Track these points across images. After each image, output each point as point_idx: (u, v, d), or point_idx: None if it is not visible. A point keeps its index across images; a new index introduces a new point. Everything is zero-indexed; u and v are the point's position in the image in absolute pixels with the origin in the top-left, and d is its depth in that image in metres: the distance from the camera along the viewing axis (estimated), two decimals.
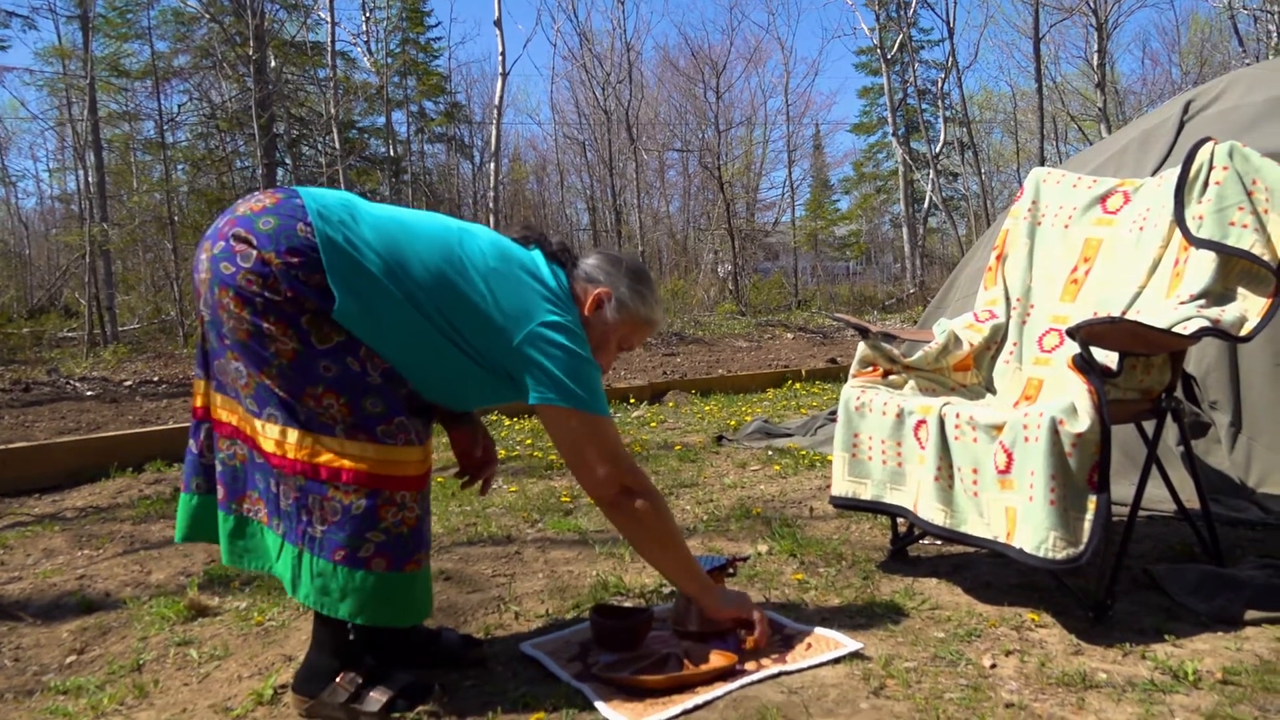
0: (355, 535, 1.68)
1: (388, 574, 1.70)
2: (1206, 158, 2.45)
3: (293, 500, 1.71)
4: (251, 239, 1.66)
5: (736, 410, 5.88)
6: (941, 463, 2.26)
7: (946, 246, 28.63)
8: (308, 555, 1.70)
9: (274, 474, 1.72)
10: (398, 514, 1.71)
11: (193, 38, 17.22)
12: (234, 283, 1.65)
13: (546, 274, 1.86)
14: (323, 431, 1.69)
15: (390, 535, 1.70)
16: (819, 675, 1.85)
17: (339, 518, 1.68)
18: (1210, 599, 2.15)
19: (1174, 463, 2.95)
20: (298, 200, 1.73)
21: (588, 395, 1.78)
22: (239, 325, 1.67)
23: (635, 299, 1.95)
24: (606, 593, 2.41)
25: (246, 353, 1.68)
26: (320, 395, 1.68)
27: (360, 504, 1.68)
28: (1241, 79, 4.00)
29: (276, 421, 1.70)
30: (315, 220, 1.69)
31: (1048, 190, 2.93)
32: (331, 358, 1.68)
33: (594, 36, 22.17)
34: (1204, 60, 26.45)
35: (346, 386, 1.68)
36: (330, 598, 1.69)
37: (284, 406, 1.69)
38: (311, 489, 1.69)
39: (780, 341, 12.52)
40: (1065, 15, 22.97)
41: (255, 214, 1.70)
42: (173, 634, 2.24)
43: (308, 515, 1.70)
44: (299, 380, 1.67)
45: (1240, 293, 2.30)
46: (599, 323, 1.93)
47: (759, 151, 30.07)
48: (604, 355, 1.96)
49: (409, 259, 1.74)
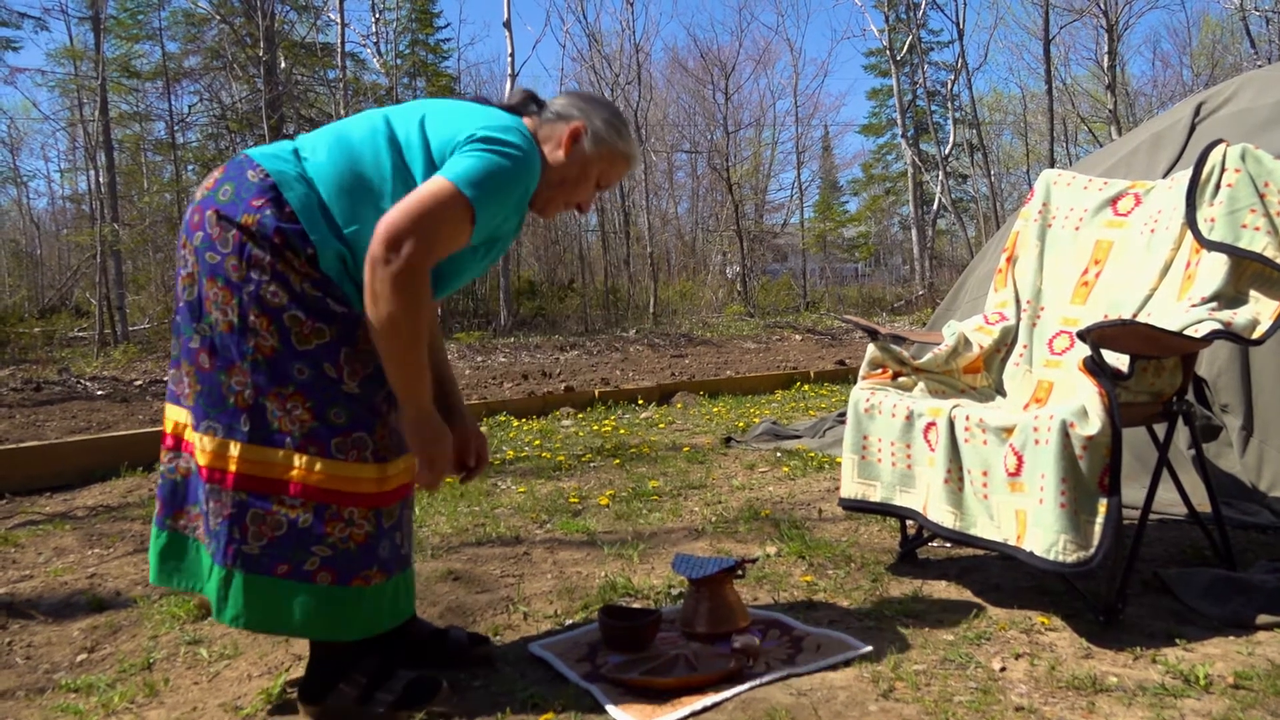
0: (300, 548, 1.65)
1: (333, 587, 1.67)
2: (1218, 160, 2.44)
3: (225, 518, 1.66)
4: (222, 214, 1.65)
5: (745, 412, 5.88)
6: (951, 465, 2.26)
7: (956, 248, 28.57)
8: (239, 575, 1.66)
9: (205, 489, 1.68)
10: (344, 529, 1.67)
11: (203, 39, 17.32)
12: (221, 271, 1.64)
13: (499, 114, 1.80)
14: (270, 444, 1.65)
15: (337, 550, 1.67)
16: (828, 677, 1.85)
17: (283, 531, 1.65)
18: (1222, 603, 2.14)
19: (1185, 466, 2.94)
20: (242, 157, 1.74)
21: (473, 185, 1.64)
22: (223, 317, 1.65)
23: (611, 132, 1.89)
24: (615, 594, 2.41)
25: (221, 347, 1.66)
26: (287, 396, 1.65)
27: (306, 518, 1.65)
28: (1253, 81, 3.98)
29: (216, 434, 1.67)
30: (263, 161, 1.70)
31: (1058, 192, 2.92)
32: (307, 360, 1.65)
33: (603, 38, 22.12)
34: (1215, 62, 26.34)
35: (316, 392, 1.65)
36: (269, 616, 1.67)
37: (231, 416, 1.66)
38: (252, 504, 1.65)
39: (789, 343, 12.51)
40: (1075, 17, 22.91)
41: (211, 190, 1.70)
42: (183, 633, 2.25)
43: (241, 533, 1.65)
44: (270, 379, 1.64)
45: (1252, 295, 2.28)
46: (576, 156, 1.86)
47: (768, 153, 30.10)
48: (583, 190, 1.91)
49: (350, 141, 1.73)
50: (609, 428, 5.33)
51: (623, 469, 4.10)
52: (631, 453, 4.46)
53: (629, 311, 18.22)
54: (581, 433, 5.20)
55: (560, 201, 1.91)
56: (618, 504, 3.41)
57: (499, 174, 1.68)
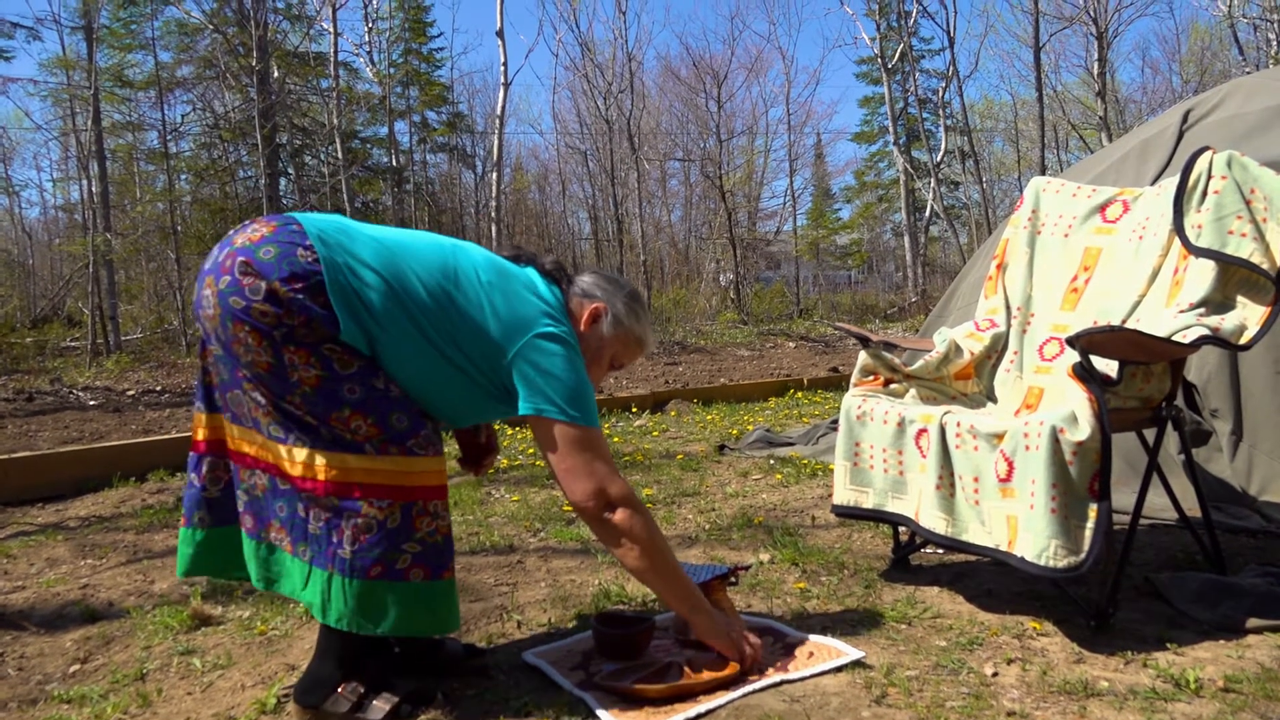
0: (392, 549, 1.69)
1: (426, 583, 1.72)
2: (1205, 167, 2.46)
3: (324, 522, 1.71)
4: (255, 266, 1.66)
5: (738, 419, 5.89)
6: (943, 471, 2.27)
7: (948, 255, 28.63)
8: (338, 578, 1.70)
9: (302, 498, 1.73)
10: (432, 523, 1.74)
11: (196, 48, 17.29)
12: (248, 317, 1.65)
13: (543, 289, 1.89)
14: (352, 450, 1.70)
15: (426, 545, 1.73)
16: (821, 684, 1.86)
17: (374, 534, 1.69)
18: (1212, 607, 2.15)
19: (1176, 471, 2.95)
20: (295, 226, 1.74)
21: (579, 407, 1.79)
22: (258, 358, 1.67)
23: (630, 317, 1.99)
24: (609, 601, 2.41)
25: (267, 383, 1.69)
26: (348, 418, 1.70)
27: (396, 517, 1.70)
28: (1241, 88, 4.01)
29: (304, 445, 1.71)
30: (316, 244, 1.71)
31: (1047, 199, 2.94)
32: (356, 380, 1.70)
33: (596, 47, 22.21)
34: (1204, 69, 26.48)
35: (373, 407, 1.70)
36: (367, 617, 1.70)
37: (309, 431, 1.71)
38: (345, 508, 1.69)
39: (782, 350, 12.52)
40: (1065, 24, 23.03)
41: (254, 244, 1.70)
42: (176, 643, 2.25)
43: (339, 536, 1.70)
44: (325, 405, 1.69)
45: (1240, 301, 2.30)
46: (594, 337, 1.96)
47: (760, 161, 30.12)
48: (596, 370, 1.99)
49: (407, 276, 1.75)
50: None
51: None
52: (625, 460, 4.46)
53: None
54: None
55: None
56: None
57: (574, 372, 1.81)
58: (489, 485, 3.98)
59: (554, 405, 1.77)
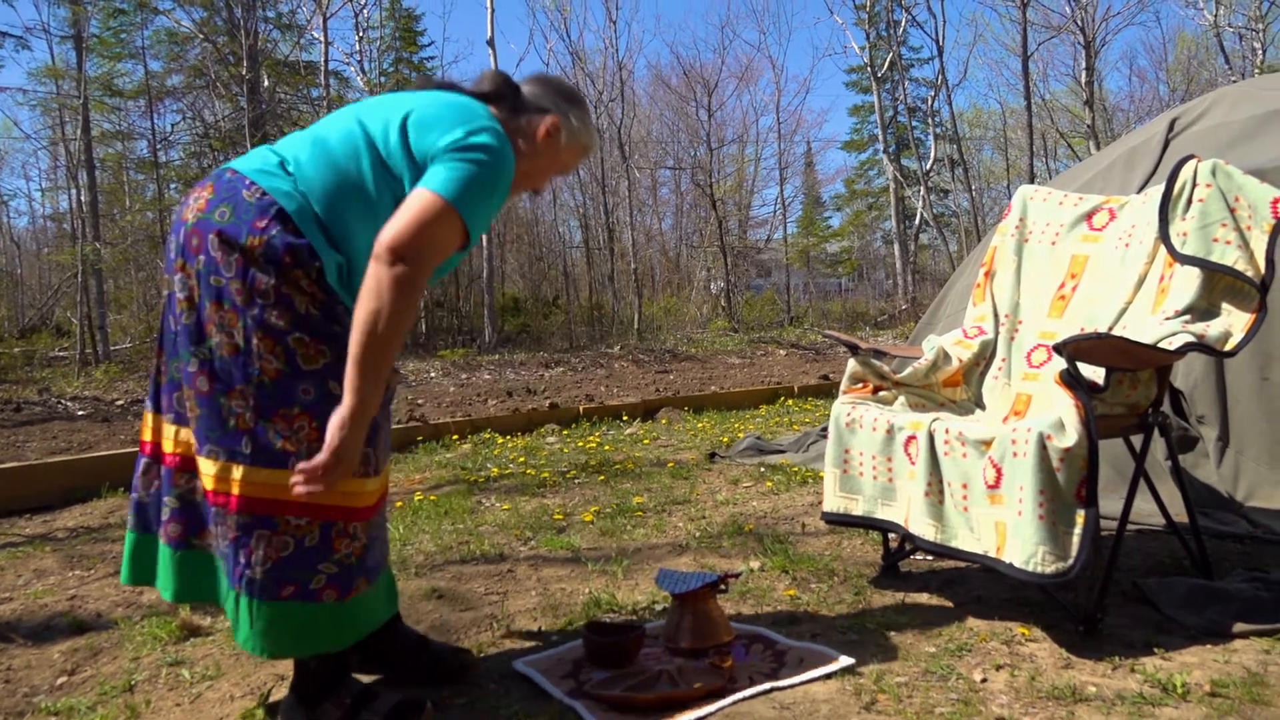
0: (308, 568, 1.66)
1: (338, 604, 1.69)
2: (1190, 175, 2.48)
3: (229, 541, 1.66)
4: (225, 236, 1.64)
5: (729, 427, 5.90)
6: (932, 478, 2.28)
7: (938, 262, 28.73)
8: (244, 600, 1.65)
9: (213, 512, 1.69)
10: (349, 545, 1.70)
11: (186, 57, 17.29)
12: (227, 295, 1.64)
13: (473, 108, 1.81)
14: (273, 465, 1.65)
15: (342, 566, 1.69)
16: (810, 691, 1.86)
17: (289, 552, 1.65)
18: (1199, 612, 2.16)
19: (1163, 477, 2.97)
20: (229, 174, 1.72)
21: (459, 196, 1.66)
22: (228, 340, 1.65)
23: (582, 127, 2.00)
24: (599, 610, 2.41)
25: (223, 370, 1.66)
26: (294, 417, 1.66)
27: (314, 536, 1.66)
28: (1226, 96, 4.04)
29: (218, 458, 1.66)
30: (256, 178, 1.69)
31: (1034, 208, 2.96)
32: (313, 380, 1.66)
33: (586, 55, 22.23)
34: (1191, 77, 26.70)
35: (321, 412, 1.65)
36: (278, 638, 1.66)
37: (232, 439, 1.66)
38: (257, 526, 1.64)
39: (773, 358, 12.55)
40: (1053, 33, 23.17)
41: (206, 211, 1.68)
42: (165, 654, 2.24)
43: (246, 556, 1.65)
44: (275, 400, 1.65)
45: (1225, 308, 2.32)
46: (549, 149, 1.95)
47: (751, 169, 30.25)
48: (539, 178, 2.00)
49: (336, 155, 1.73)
50: (593, 444, 5.34)
51: (607, 485, 4.10)
52: (616, 469, 4.46)
53: (614, 328, 18.23)
54: (566, 449, 5.20)
55: (521, 188, 2.00)
56: (602, 520, 3.42)
57: (482, 181, 1.71)
58: (480, 494, 3.98)
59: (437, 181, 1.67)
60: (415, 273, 1.60)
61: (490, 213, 1.77)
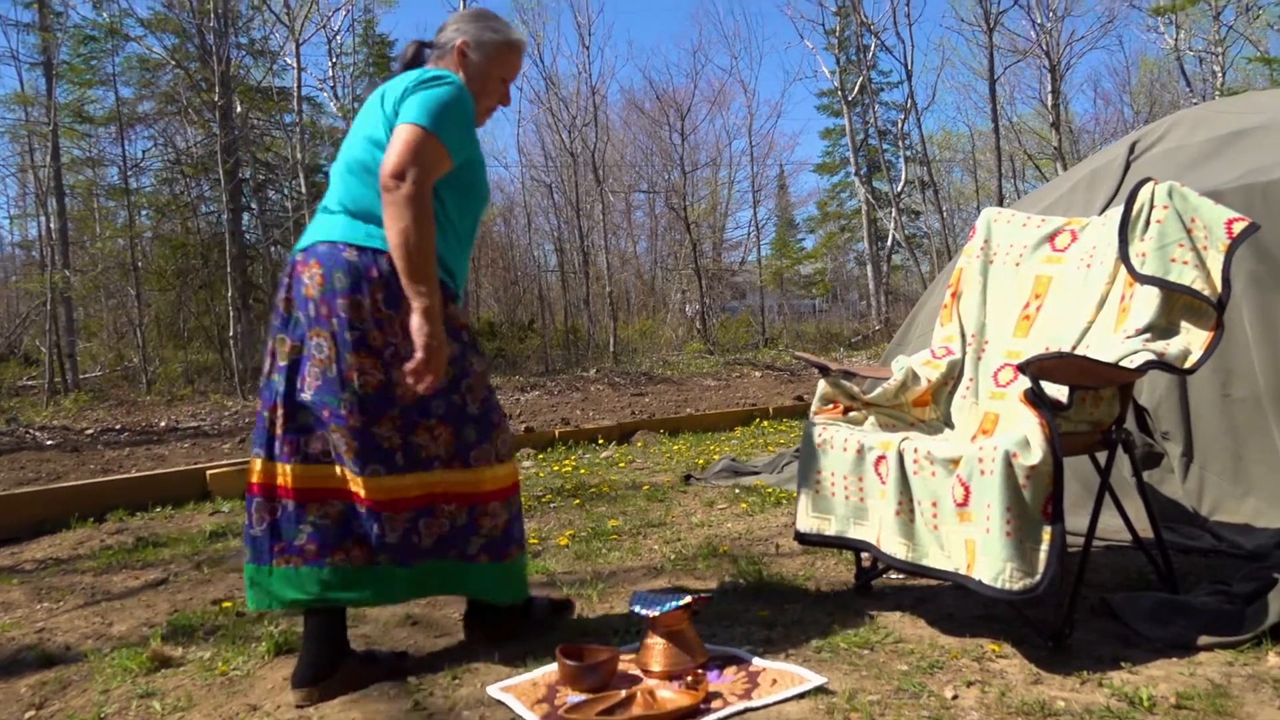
0: (464, 540, 2.15)
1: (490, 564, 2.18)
2: (1148, 197, 2.54)
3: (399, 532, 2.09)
4: (355, 299, 2.00)
5: (705, 449, 5.91)
6: (902, 497, 2.30)
7: (910, 283, 29.00)
8: (418, 567, 2.13)
9: (382, 518, 2.07)
10: (490, 522, 2.17)
11: (158, 84, 17.22)
12: (365, 344, 2.01)
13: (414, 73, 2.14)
14: (423, 468, 2.09)
15: (489, 539, 2.17)
16: (784, 711, 1.87)
17: (445, 530, 2.14)
18: (1165, 626, 2.20)
19: (1129, 493, 3.01)
20: (321, 246, 2.05)
21: (433, 120, 1.99)
22: (372, 379, 2.02)
23: (487, 32, 2.24)
24: (574, 634, 2.41)
25: (371, 404, 2.03)
26: (432, 427, 2.09)
27: (462, 518, 2.15)
28: (1185, 120, 4.14)
29: (380, 474, 2.05)
30: (345, 237, 2.04)
31: (999, 229, 3.01)
32: (441, 396, 2.09)
33: (560, 81, 22.34)
34: (1154, 100, 27.21)
35: (452, 419, 2.11)
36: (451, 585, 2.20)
37: (385, 456, 2.05)
38: (420, 517, 2.11)
39: (748, 380, 12.59)
40: (1019, 57, 23.60)
41: (324, 283, 2.01)
42: (135, 686, 2.22)
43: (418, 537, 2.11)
44: (415, 416, 2.07)
45: (1184, 326, 2.37)
46: (473, 70, 2.23)
47: (724, 192, 30.43)
48: (490, 94, 2.27)
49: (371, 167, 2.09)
50: (569, 468, 5.33)
51: (582, 509, 4.10)
52: (591, 492, 4.46)
53: (589, 351, 18.24)
54: (541, 473, 5.20)
55: (483, 110, 2.27)
56: (577, 544, 3.42)
57: (444, 100, 2.04)
58: None
59: (407, 115, 2.01)
60: (416, 186, 1.94)
61: (463, 129, 2.08)
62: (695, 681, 1.95)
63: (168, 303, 16.74)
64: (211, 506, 4.57)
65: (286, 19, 16.76)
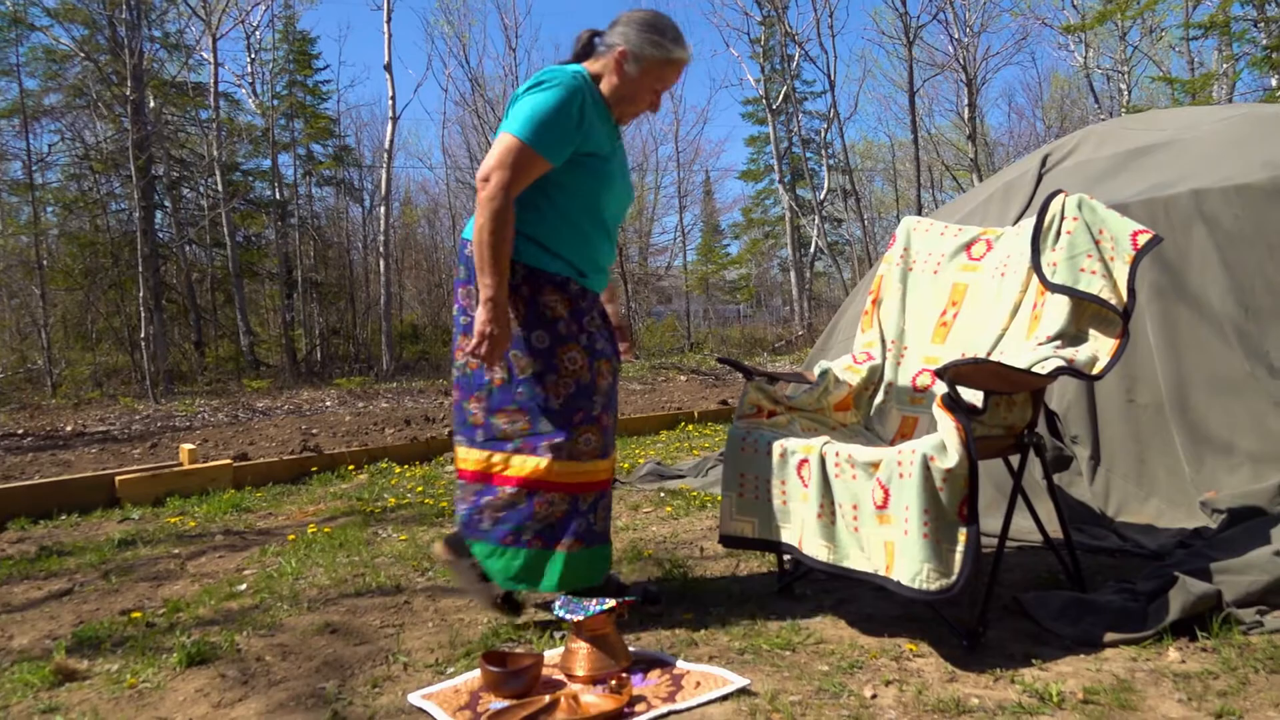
0: (520, 523, 2.32)
1: (542, 550, 2.34)
2: (1059, 209, 2.63)
3: (468, 504, 2.38)
4: (463, 288, 2.36)
5: (630, 453, 5.92)
6: (824, 500, 2.34)
7: (833, 289, 29.49)
8: (473, 545, 2.39)
9: (461, 484, 2.38)
10: (547, 509, 2.32)
11: (65, 76, 16.58)
12: (469, 329, 2.31)
13: (552, 68, 2.31)
14: (496, 449, 2.33)
15: (544, 525, 2.32)
16: (707, 713, 1.88)
17: (503, 512, 2.33)
18: (1074, 623, 2.27)
19: (1041, 495, 3.11)
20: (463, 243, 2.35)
21: (530, 130, 2.20)
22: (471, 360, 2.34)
23: (649, 46, 2.32)
24: (498, 640, 2.39)
25: (467, 382, 2.36)
26: (512, 412, 2.32)
27: (521, 500, 2.32)
28: (1093, 135, 4.30)
29: (463, 444, 2.38)
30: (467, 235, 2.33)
31: (918, 238, 3.09)
32: (525, 385, 2.31)
33: (486, 82, 22.15)
34: (1065, 115, 28.19)
35: (531, 409, 2.31)
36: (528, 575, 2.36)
37: (470, 430, 2.36)
38: (484, 494, 2.34)
39: (674, 384, 12.65)
40: (937, 71, 24.23)
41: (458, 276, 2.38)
42: (37, 701, 2.12)
43: (479, 515, 2.36)
44: (502, 400, 2.32)
45: (1092, 334, 2.46)
46: (625, 79, 2.34)
47: (650, 197, 30.55)
48: (643, 101, 2.39)
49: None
50: None
51: None
52: None
53: None
54: None
55: (630, 114, 2.43)
56: None
57: (541, 107, 2.21)
58: (376, 525, 3.90)
59: (505, 124, 2.24)
60: (495, 190, 2.18)
61: (564, 132, 2.23)
62: (619, 685, 1.95)
63: (75, 302, 16.13)
64: (121, 513, 4.41)
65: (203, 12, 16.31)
